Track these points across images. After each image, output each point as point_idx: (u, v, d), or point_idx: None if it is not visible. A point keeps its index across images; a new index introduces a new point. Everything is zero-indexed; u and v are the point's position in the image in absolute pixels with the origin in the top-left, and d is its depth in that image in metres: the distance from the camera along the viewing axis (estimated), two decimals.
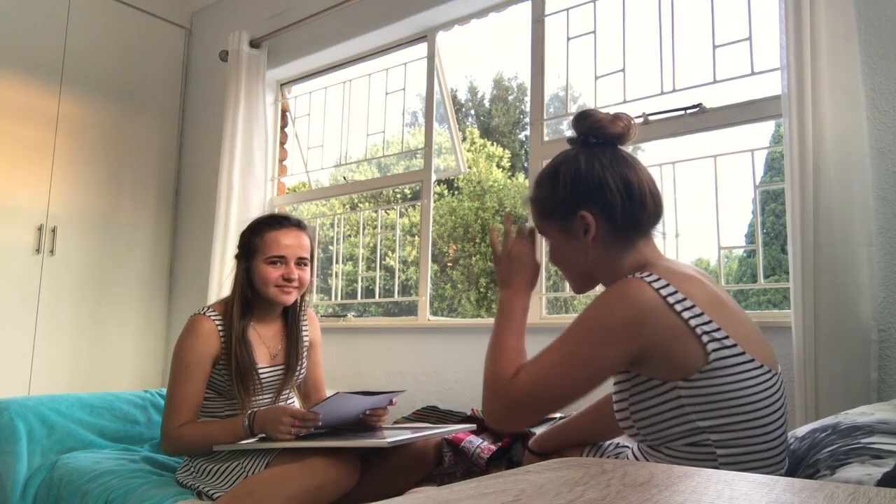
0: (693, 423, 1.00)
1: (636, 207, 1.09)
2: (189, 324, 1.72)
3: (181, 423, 1.63)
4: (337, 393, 1.56)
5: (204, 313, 1.73)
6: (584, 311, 1.04)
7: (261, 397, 1.76)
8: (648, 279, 1.01)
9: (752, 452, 1.01)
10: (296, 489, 1.41)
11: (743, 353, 1.00)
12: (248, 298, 1.74)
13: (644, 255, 1.12)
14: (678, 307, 0.99)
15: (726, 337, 0.99)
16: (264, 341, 1.79)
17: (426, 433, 1.57)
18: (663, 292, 1.00)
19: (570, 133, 1.20)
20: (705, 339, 0.98)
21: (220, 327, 1.72)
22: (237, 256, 1.81)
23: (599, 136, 1.13)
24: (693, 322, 0.99)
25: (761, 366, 1.02)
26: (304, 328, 1.89)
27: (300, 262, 1.75)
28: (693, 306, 1.00)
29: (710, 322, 0.99)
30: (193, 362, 1.66)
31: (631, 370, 1.06)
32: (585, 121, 1.14)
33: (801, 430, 1.18)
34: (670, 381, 1.01)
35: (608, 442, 1.35)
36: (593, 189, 1.08)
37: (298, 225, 1.78)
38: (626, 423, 1.10)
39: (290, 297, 1.75)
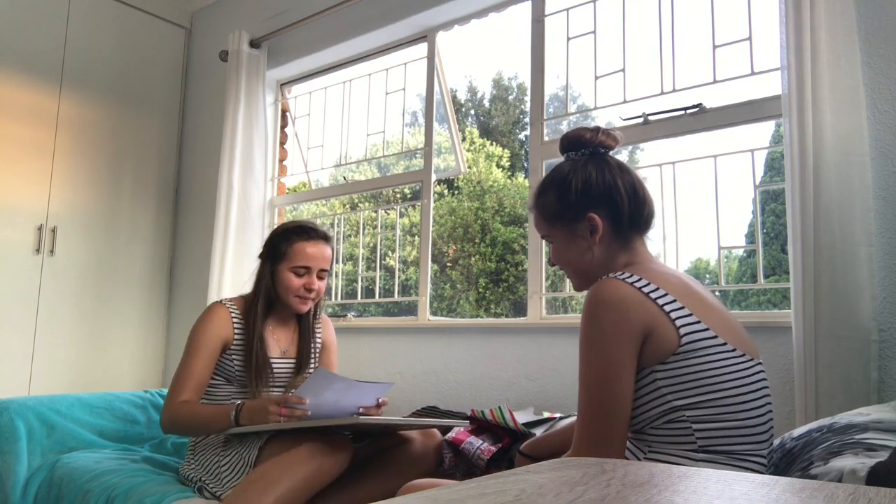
0: (669, 402, 1.05)
1: (640, 207, 1.20)
2: (207, 309, 1.82)
3: (182, 399, 1.69)
4: (317, 368, 1.58)
5: (222, 303, 1.83)
6: (580, 331, 1.10)
7: (272, 389, 1.81)
8: (621, 276, 1.09)
9: (728, 429, 1.05)
10: (300, 474, 1.45)
11: (715, 337, 1.06)
12: (273, 299, 1.83)
13: (637, 255, 1.21)
14: (653, 295, 1.07)
15: (698, 321, 1.06)
16: (277, 338, 1.86)
17: (419, 421, 1.61)
18: (636, 284, 1.07)
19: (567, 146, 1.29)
20: (678, 322, 1.05)
21: (235, 318, 1.81)
22: (261, 257, 1.88)
23: (605, 147, 1.25)
24: (667, 308, 1.06)
25: (734, 349, 1.07)
26: (317, 331, 1.96)
27: (321, 273, 1.84)
28: (666, 294, 1.07)
29: (682, 308, 1.07)
30: (203, 341, 1.75)
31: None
32: (597, 136, 1.25)
33: (798, 431, 1.19)
34: (647, 366, 1.06)
35: None
36: (604, 192, 1.19)
37: (325, 237, 1.86)
38: None
39: (306, 307, 1.85)
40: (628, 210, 1.19)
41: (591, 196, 1.19)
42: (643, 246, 1.23)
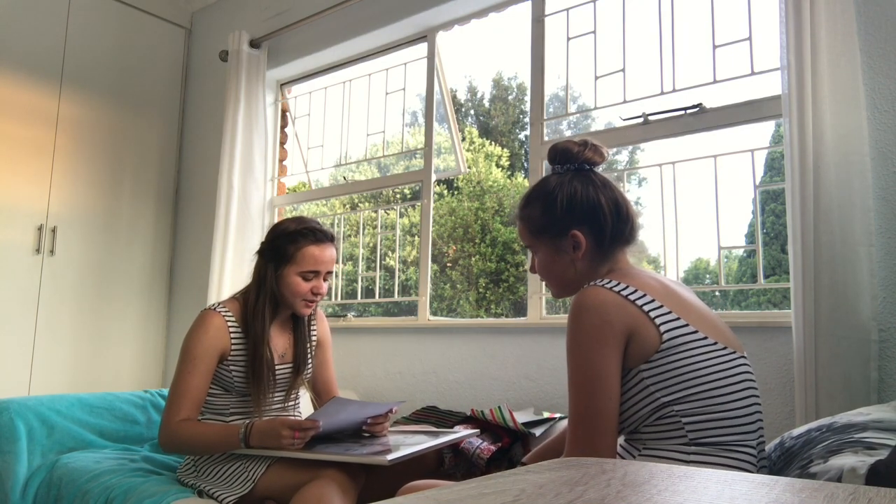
0: (658, 399, 1.09)
1: (622, 224, 1.24)
2: (199, 318, 1.72)
3: (181, 417, 1.61)
4: (334, 398, 1.57)
5: (215, 309, 1.73)
6: (566, 339, 1.13)
7: (273, 395, 1.77)
8: (601, 283, 1.13)
9: (716, 420, 1.08)
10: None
11: (696, 332, 1.10)
12: (277, 302, 1.75)
13: (618, 264, 1.25)
14: (632, 297, 1.11)
15: (678, 318, 1.10)
16: (274, 343, 1.78)
17: (430, 445, 1.56)
18: (616, 289, 1.12)
19: (557, 159, 1.31)
20: (658, 321, 1.09)
21: (231, 326, 1.71)
22: (260, 253, 1.78)
23: (591, 163, 1.28)
24: (647, 308, 1.10)
25: (715, 343, 1.11)
26: (313, 328, 1.90)
27: (327, 275, 1.77)
28: (645, 295, 1.11)
29: (661, 307, 1.11)
30: (199, 355, 1.66)
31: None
32: (584, 151, 1.27)
33: (798, 430, 1.19)
34: (634, 367, 1.10)
35: None
36: (587, 210, 1.23)
37: (331, 238, 1.79)
38: None
39: (310, 310, 1.78)
40: (611, 227, 1.22)
41: (575, 213, 1.23)
42: (624, 256, 1.27)
